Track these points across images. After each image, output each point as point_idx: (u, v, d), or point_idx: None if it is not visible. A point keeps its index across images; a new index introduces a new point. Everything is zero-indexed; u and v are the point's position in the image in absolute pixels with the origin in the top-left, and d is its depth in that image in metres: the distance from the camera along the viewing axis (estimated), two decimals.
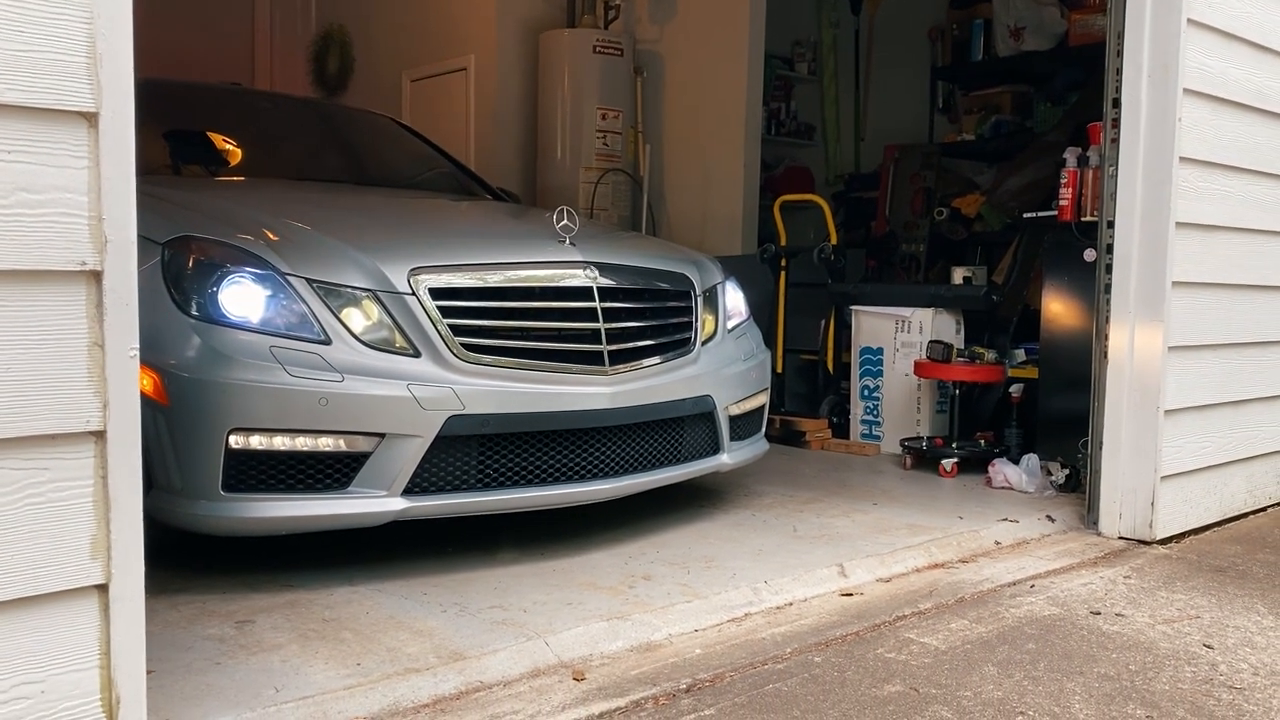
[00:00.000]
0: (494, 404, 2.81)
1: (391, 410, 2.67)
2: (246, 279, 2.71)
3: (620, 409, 3.04)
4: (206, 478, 2.57)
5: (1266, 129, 3.83)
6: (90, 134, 1.40)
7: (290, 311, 2.70)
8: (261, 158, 4.21)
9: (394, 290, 2.80)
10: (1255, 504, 4.01)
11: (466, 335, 2.84)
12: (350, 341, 2.72)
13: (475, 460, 2.83)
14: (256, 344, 2.62)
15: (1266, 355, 3.97)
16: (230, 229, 2.88)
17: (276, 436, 2.60)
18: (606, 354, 3.03)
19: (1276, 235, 3.94)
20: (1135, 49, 3.43)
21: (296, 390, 2.59)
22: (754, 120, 6.50)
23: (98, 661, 1.45)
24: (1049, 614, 2.77)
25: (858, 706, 2.15)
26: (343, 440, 2.65)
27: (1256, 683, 2.34)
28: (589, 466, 3.03)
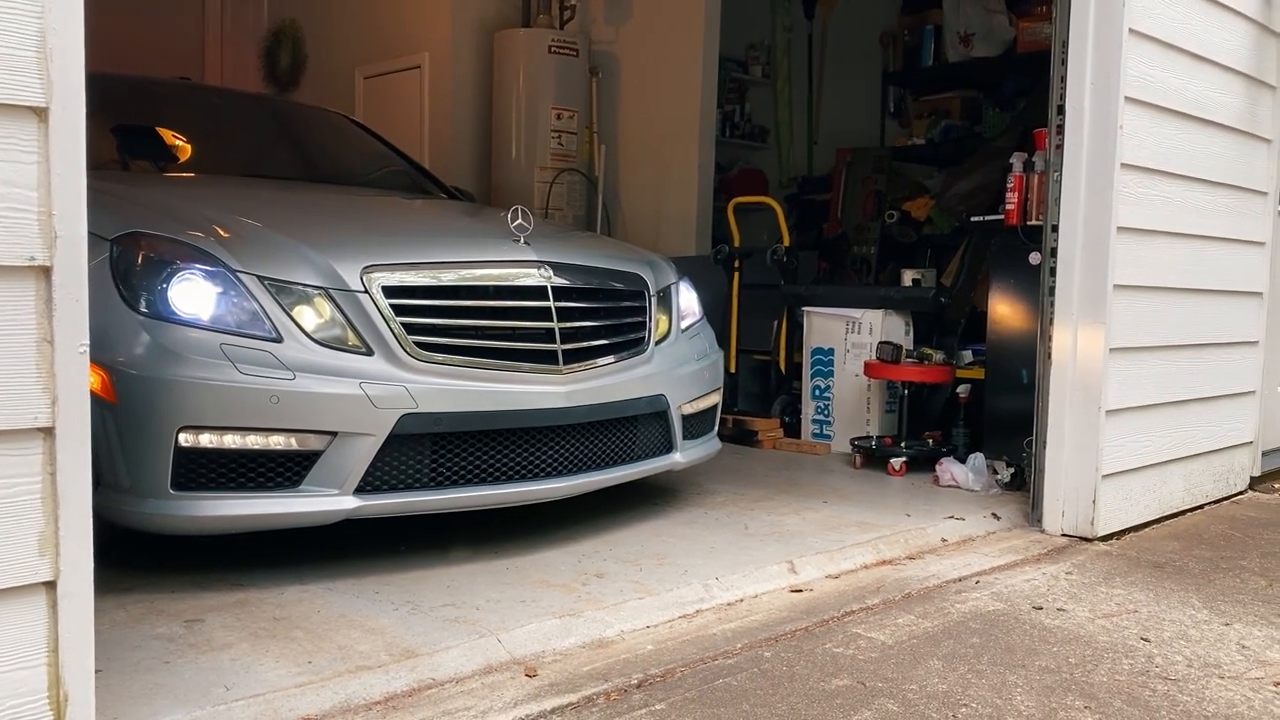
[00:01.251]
0: (447, 403, 2.81)
1: (344, 408, 2.66)
2: (197, 276, 2.69)
3: (574, 408, 3.05)
4: (155, 476, 2.55)
5: (1203, 137, 3.94)
6: (40, 129, 1.40)
7: (241, 309, 2.68)
8: (212, 154, 4.17)
9: (346, 288, 2.79)
10: (1193, 502, 4.12)
11: (420, 334, 2.83)
12: (302, 339, 2.70)
13: (428, 459, 2.83)
14: (207, 341, 2.60)
15: (1203, 357, 4.08)
16: (180, 225, 2.85)
17: (227, 435, 2.58)
18: (561, 353, 3.04)
19: (1212, 240, 4.05)
20: (1079, 57, 3.52)
21: (247, 388, 2.57)
22: (708, 122, 6.55)
23: (45, 659, 1.44)
24: (993, 609, 2.83)
25: (806, 700, 2.19)
26: (294, 439, 2.64)
27: (1190, 674, 2.41)
28: (543, 465, 3.03)
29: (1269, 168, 4.41)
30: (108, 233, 2.73)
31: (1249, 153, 4.23)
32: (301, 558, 2.93)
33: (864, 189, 7.25)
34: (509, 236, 3.15)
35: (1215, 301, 4.12)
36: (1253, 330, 4.40)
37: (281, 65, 8.05)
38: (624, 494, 3.75)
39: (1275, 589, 3.11)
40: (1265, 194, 4.38)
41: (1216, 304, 4.13)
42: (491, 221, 3.49)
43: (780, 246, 5.43)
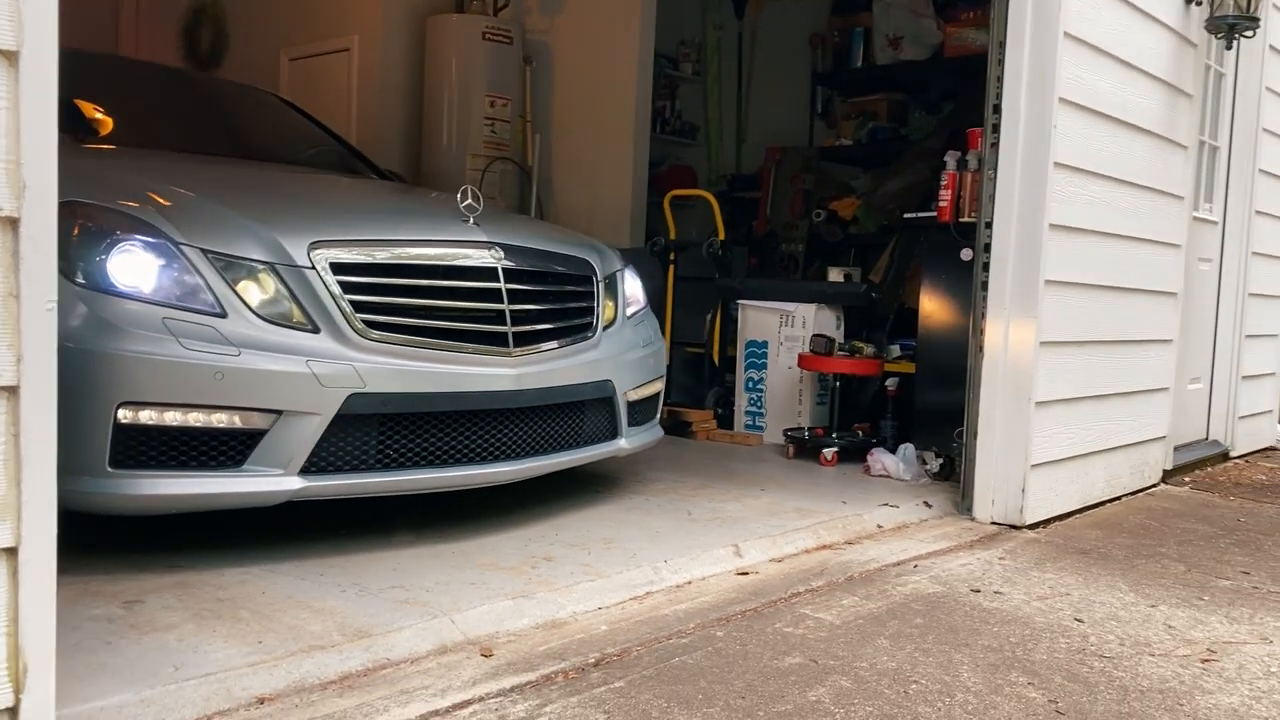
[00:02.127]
0: (396, 383, 2.76)
1: (289, 386, 2.60)
2: (137, 247, 2.59)
3: (523, 391, 3.03)
4: (92, 454, 2.45)
5: (1128, 140, 4.09)
6: (9, 74, 1.33)
7: (184, 283, 2.59)
8: (140, 129, 4.02)
9: (293, 264, 2.72)
10: (1112, 493, 4.27)
11: (368, 312, 2.78)
12: (247, 315, 2.63)
13: (375, 440, 2.78)
14: (148, 315, 2.51)
15: (1124, 353, 4.23)
16: (117, 195, 2.75)
17: (168, 412, 2.50)
18: (511, 335, 3.02)
19: (1134, 240, 4.21)
20: (1016, 58, 3.62)
21: (190, 364, 2.50)
22: (643, 115, 6.56)
23: (5, 629, 1.37)
24: (933, 591, 2.90)
25: (762, 677, 2.21)
26: (238, 416, 2.57)
27: (1124, 652, 2.50)
28: (491, 448, 3.00)
29: (1185, 173, 4.59)
30: None
31: (1168, 158, 4.40)
32: (241, 540, 2.85)
33: (792, 188, 7.34)
34: (458, 217, 3.11)
35: (1135, 300, 4.28)
36: (1168, 329, 4.58)
37: (201, 45, 7.80)
38: (566, 481, 3.74)
39: (1194, 574, 3.24)
40: (1181, 198, 4.56)
41: (1136, 302, 4.28)
42: (439, 202, 3.44)
43: (716, 239, 5.47)
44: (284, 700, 1.96)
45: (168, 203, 2.76)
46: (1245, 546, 3.63)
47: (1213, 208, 5.21)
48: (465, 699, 2.01)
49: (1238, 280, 5.36)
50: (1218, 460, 5.37)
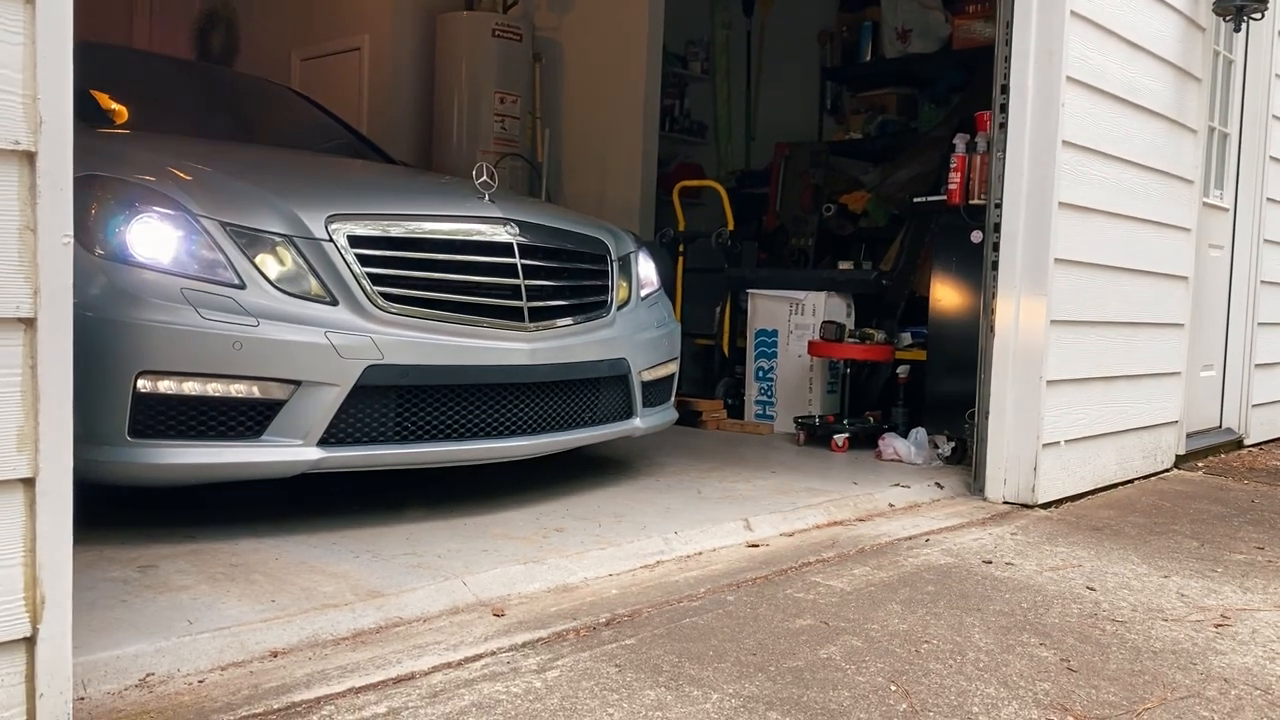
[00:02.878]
0: (414, 355, 2.77)
1: (308, 357, 2.61)
2: (156, 218, 2.61)
3: (539, 366, 3.04)
4: (112, 423, 2.46)
5: (1136, 122, 4.09)
6: (27, 9, 1.35)
7: (203, 254, 2.61)
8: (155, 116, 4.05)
9: (311, 236, 2.74)
10: (1123, 476, 4.26)
11: (385, 285, 2.79)
12: (265, 287, 2.64)
13: (394, 412, 2.78)
14: (167, 285, 2.53)
15: (1134, 335, 4.23)
16: (137, 170, 2.77)
17: (187, 381, 2.52)
18: (526, 310, 3.03)
19: (1143, 222, 4.20)
20: (1023, 37, 3.62)
21: (209, 333, 2.51)
22: (652, 111, 6.59)
23: (21, 559, 1.39)
24: (944, 563, 2.90)
25: (773, 637, 2.21)
26: (256, 386, 2.58)
27: (1136, 617, 2.50)
28: (508, 423, 3.01)
29: (1195, 157, 4.58)
30: None
31: (1178, 141, 4.40)
32: (254, 514, 2.87)
33: (802, 183, 7.35)
34: (474, 194, 3.13)
35: (1146, 282, 4.27)
36: (1179, 313, 4.57)
37: (214, 46, 7.88)
38: (578, 463, 3.75)
39: (1207, 549, 3.23)
40: (1191, 182, 4.56)
41: (1147, 285, 4.28)
42: (454, 182, 3.47)
43: (725, 230, 5.48)
44: (297, 654, 1.97)
45: (186, 177, 2.79)
46: (1259, 525, 3.62)
47: (1223, 194, 5.20)
48: (477, 653, 2.02)
49: (1250, 267, 5.34)
50: (1231, 448, 5.34)
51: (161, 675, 1.83)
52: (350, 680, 1.86)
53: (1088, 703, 1.95)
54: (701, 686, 1.92)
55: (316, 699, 1.78)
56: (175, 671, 1.84)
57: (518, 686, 1.88)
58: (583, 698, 1.85)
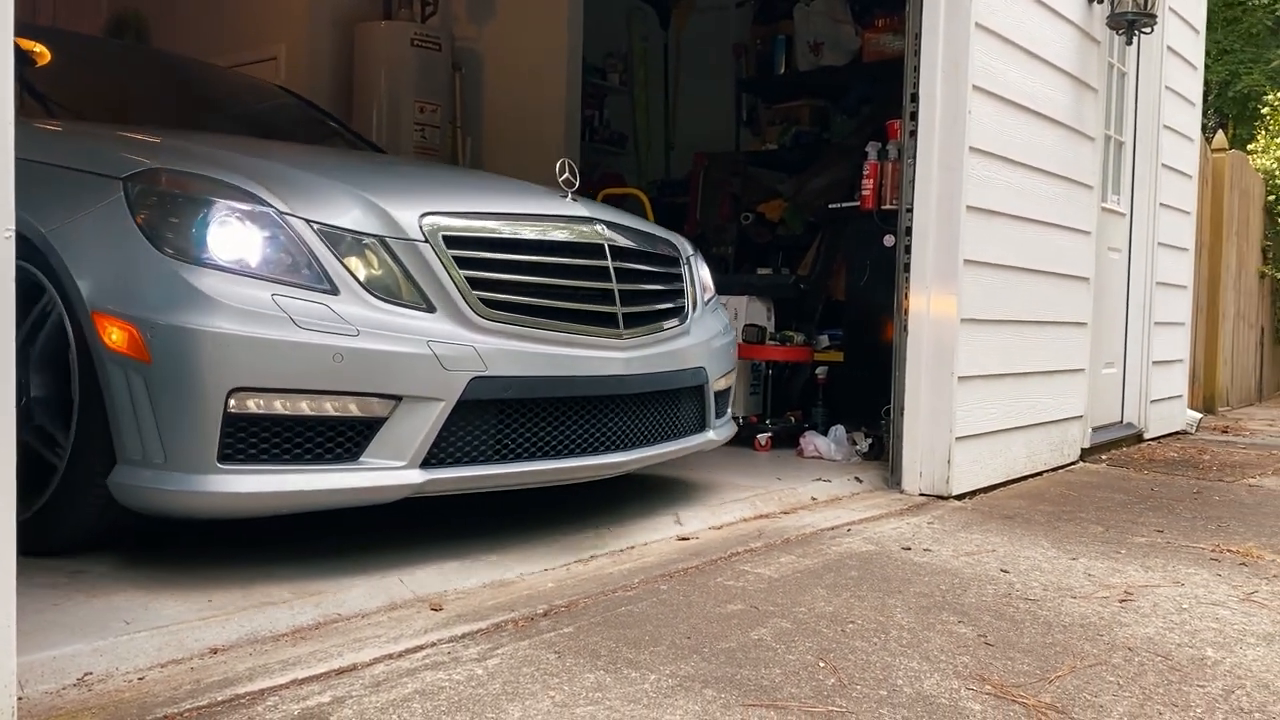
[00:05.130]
0: (516, 366, 2.55)
1: (411, 370, 2.36)
2: (239, 216, 2.33)
3: (633, 376, 2.85)
4: (199, 448, 2.19)
5: (1038, 129, 4.29)
6: None
7: (291, 256, 2.34)
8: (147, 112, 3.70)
9: (405, 237, 2.48)
10: (1033, 468, 4.44)
11: (484, 289, 2.55)
12: (359, 292, 2.38)
13: (493, 429, 2.55)
14: (257, 290, 2.26)
15: (1041, 334, 4.42)
16: (202, 164, 2.48)
17: (278, 399, 2.25)
18: (621, 316, 2.84)
19: (1047, 225, 4.40)
20: (931, 48, 3.78)
21: (308, 345, 2.25)
22: (573, 121, 6.66)
23: None
24: (866, 550, 3.00)
25: (706, 621, 2.28)
26: (355, 403, 2.32)
27: (1047, 595, 2.63)
28: (603, 438, 2.81)
29: (1093, 164, 4.81)
30: (115, 170, 2.39)
31: (1077, 148, 4.62)
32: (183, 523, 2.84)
33: (721, 192, 7.47)
34: (555, 191, 2.94)
35: (1050, 283, 4.46)
36: (1082, 312, 4.78)
37: None
38: None
39: (1111, 533, 3.40)
40: (1091, 188, 4.78)
41: (1051, 285, 4.47)
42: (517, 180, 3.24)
43: None
44: (237, 649, 1.98)
45: (261, 173, 2.50)
46: (1158, 511, 3.81)
47: (1120, 199, 5.46)
48: (418, 644, 2.06)
49: (1146, 269, 5.61)
50: (1132, 441, 5.60)
51: (100, 674, 1.82)
52: (293, 672, 1.88)
53: (1004, 673, 2.06)
54: (639, 669, 1.98)
55: (260, 690, 1.79)
56: (114, 670, 1.84)
57: (459, 674, 1.92)
58: (524, 682, 1.89)
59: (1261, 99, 12.96)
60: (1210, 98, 15.26)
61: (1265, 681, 2.07)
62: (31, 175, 2.44)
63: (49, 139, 2.64)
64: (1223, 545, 3.25)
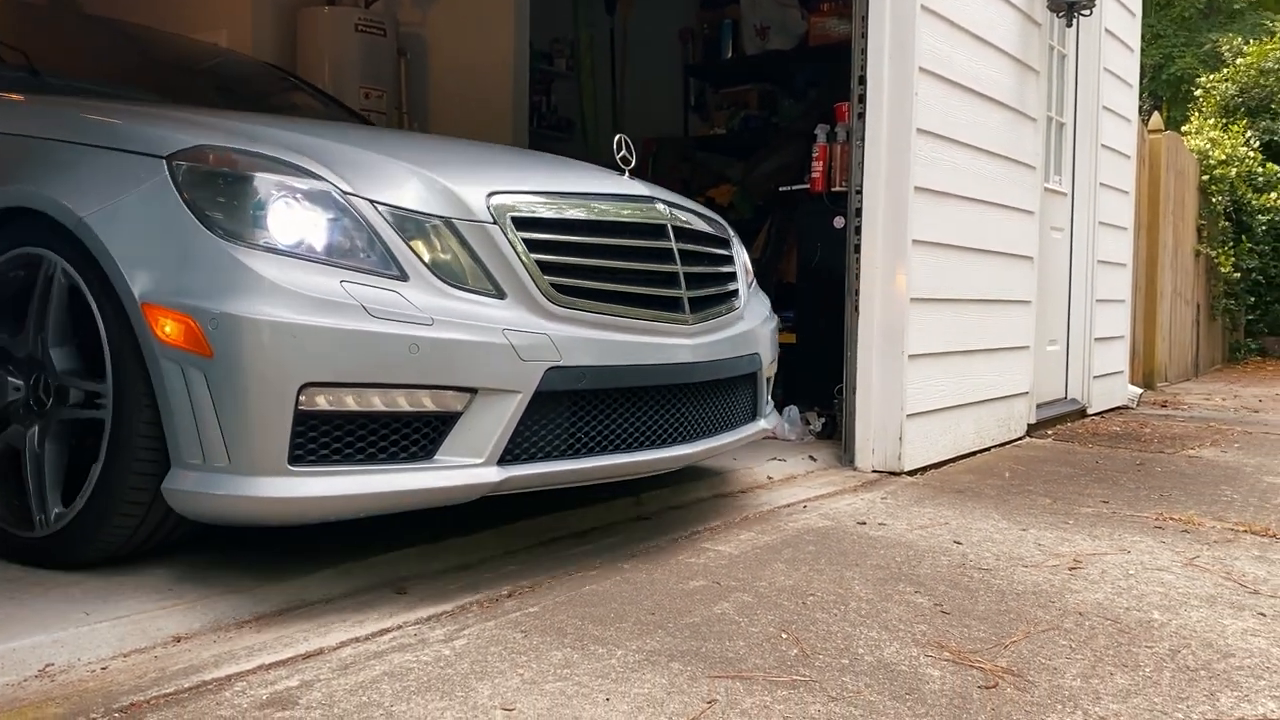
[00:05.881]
0: (590, 355, 2.41)
1: (486, 361, 2.22)
2: (301, 197, 2.16)
3: (700, 364, 2.72)
4: (267, 449, 2.03)
5: (983, 111, 4.36)
6: None
7: (357, 240, 2.19)
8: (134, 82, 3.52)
9: (473, 218, 2.32)
10: (981, 444, 4.53)
11: (555, 274, 2.40)
12: (429, 278, 2.22)
13: (566, 423, 2.41)
14: (326, 278, 2.09)
15: (988, 312, 4.50)
16: (250, 141, 2.29)
17: (349, 394, 2.09)
18: (687, 300, 2.70)
19: (993, 206, 4.48)
20: (878, 30, 3.83)
21: (384, 335, 2.09)
22: (521, 107, 6.64)
23: None
24: (823, 525, 3.05)
25: (669, 597, 2.31)
26: (429, 397, 2.17)
27: (999, 565, 2.69)
28: (670, 430, 2.68)
29: (1036, 144, 4.91)
30: (156, 148, 2.21)
31: (1020, 129, 4.70)
32: None
33: (670, 177, 7.48)
34: (612, 170, 2.82)
35: (996, 262, 4.55)
36: (1027, 291, 4.88)
37: None
38: None
39: (1059, 505, 3.48)
40: (1034, 168, 4.87)
41: (997, 264, 4.56)
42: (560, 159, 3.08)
43: None
44: (201, 637, 1.97)
45: (314, 150, 2.32)
46: (1104, 483, 3.91)
47: (1062, 180, 5.57)
48: (384, 628, 2.06)
49: (1088, 248, 5.74)
50: (1076, 416, 5.73)
51: (62, 665, 1.80)
52: (259, 658, 1.87)
53: (961, 639, 2.11)
54: (606, 645, 2.01)
55: (227, 677, 1.79)
56: (76, 661, 1.82)
57: (427, 655, 1.93)
58: (492, 661, 1.90)
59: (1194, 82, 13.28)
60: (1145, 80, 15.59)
61: (1209, 641, 2.14)
62: (57, 156, 2.31)
63: (75, 116, 2.45)
64: (1165, 514, 3.35)
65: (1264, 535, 3.09)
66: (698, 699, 1.77)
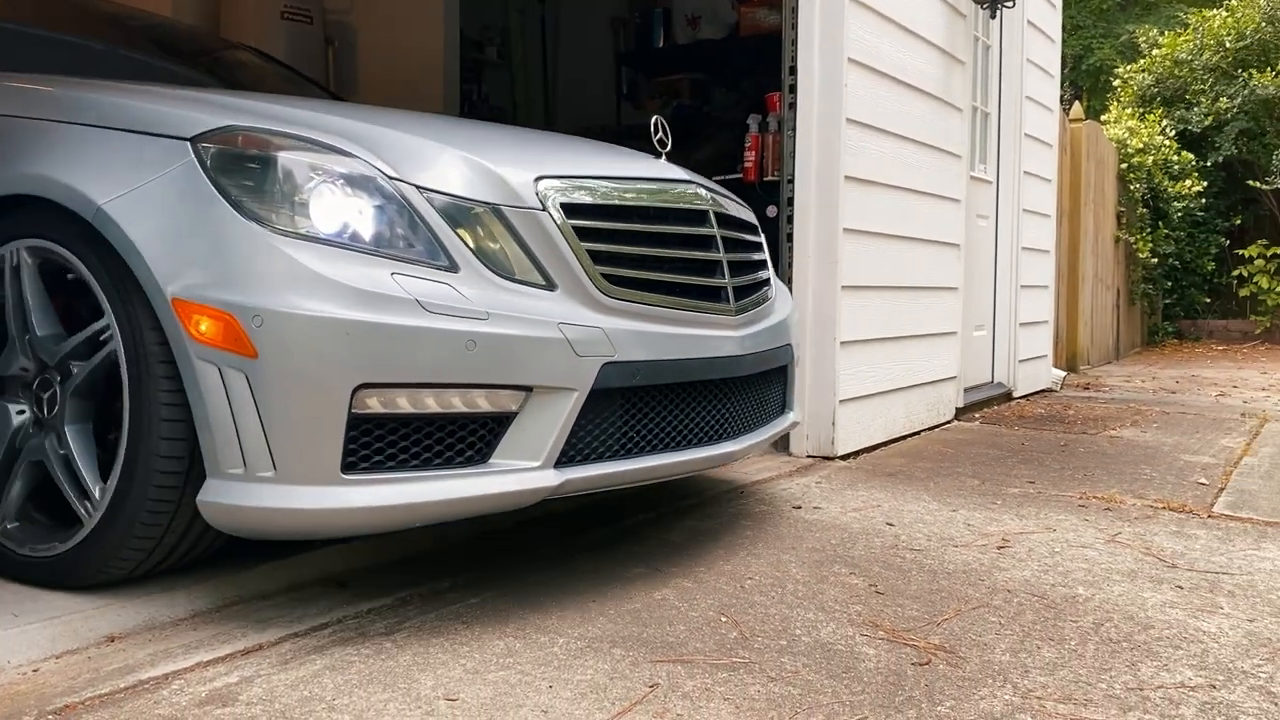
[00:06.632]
0: (643, 350, 2.27)
1: (542, 357, 2.08)
2: (343, 182, 2.01)
3: (745, 357, 2.59)
4: (319, 457, 1.88)
5: (910, 101, 4.44)
6: None
7: (405, 228, 2.04)
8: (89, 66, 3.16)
9: (522, 205, 2.16)
10: (911, 428, 4.63)
11: (605, 263, 2.26)
12: (480, 269, 2.07)
13: (619, 421, 2.27)
14: (376, 270, 1.95)
15: (918, 299, 4.59)
16: (276, 121, 2.12)
17: (404, 395, 1.95)
18: (730, 290, 2.58)
19: (921, 194, 4.57)
20: (808, 23, 3.88)
21: (441, 332, 1.95)
22: (451, 96, 6.58)
23: None
24: (760, 510, 3.10)
25: (610, 584, 2.34)
26: (484, 397, 2.02)
27: (931, 545, 2.76)
28: (718, 426, 2.56)
29: (962, 134, 5.01)
30: (178, 130, 2.03)
31: (947, 119, 4.79)
32: None
33: None
34: (646, 153, 2.69)
35: (925, 250, 4.64)
36: (955, 277, 4.98)
37: None
38: None
39: (987, 486, 3.57)
40: (960, 157, 4.98)
41: (926, 252, 4.65)
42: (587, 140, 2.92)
43: None
44: (135, 636, 1.94)
45: (349, 133, 2.14)
46: (1029, 464, 4.02)
47: (987, 168, 5.69)
48: (324, 622, 2.05)
49: (1012, 235, 5.87)
50: (1002, 400, 5.87)
51: None
52: (197, 655, 1.85)
53: (895, 618, 2.17)
54: (548, 633, 2.02)
55: (164, 675, 1.77)
56: (6, 663, 1.78)
57: (368, 648, 1.92)
58: (434, 652, 1.91)
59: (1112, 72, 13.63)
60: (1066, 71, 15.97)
61: (1130, 614, 2.23)
62: (71, 140, 2.12)
63: (87, 96, 2.23)
64: (1089, 493, 3.45)
65: (1181, 511, 3.21)
66: (640, 683, 1.79)
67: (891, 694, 1.78)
